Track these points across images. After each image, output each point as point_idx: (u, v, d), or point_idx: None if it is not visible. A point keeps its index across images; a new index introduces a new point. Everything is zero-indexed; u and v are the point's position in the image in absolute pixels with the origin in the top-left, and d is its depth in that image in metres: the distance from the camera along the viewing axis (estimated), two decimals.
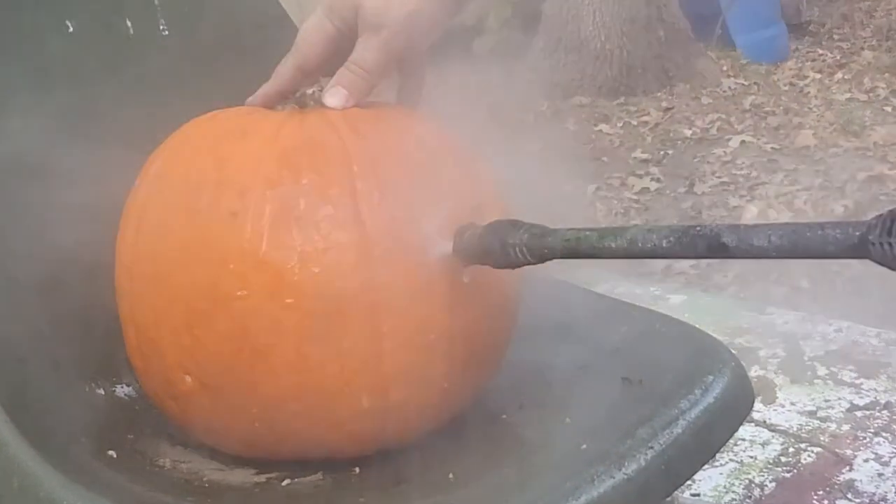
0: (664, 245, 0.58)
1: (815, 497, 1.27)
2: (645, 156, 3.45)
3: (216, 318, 0.68)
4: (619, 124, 3.78)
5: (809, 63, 4.59)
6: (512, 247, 0.64)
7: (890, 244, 0.48)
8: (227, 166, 0.70)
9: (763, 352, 1.68)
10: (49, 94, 0.89)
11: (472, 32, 4.47)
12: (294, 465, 0.75)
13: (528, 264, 0.65)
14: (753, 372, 1.60)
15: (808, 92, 4.10)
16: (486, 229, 0.67)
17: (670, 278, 2.50)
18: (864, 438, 1.40)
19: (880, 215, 0.49)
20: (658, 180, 3.23)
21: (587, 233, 0.62)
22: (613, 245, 0.60)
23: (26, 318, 0.82)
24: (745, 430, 1.42)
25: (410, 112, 0.81)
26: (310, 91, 0.77)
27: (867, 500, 1.26)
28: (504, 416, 0.81)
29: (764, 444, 1.40)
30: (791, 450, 1.38)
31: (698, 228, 0.57)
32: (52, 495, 0.65)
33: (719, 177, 3.22)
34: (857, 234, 0.50)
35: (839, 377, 1.58)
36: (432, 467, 0.74)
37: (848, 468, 1.33)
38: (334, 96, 0.76)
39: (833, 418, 1.46)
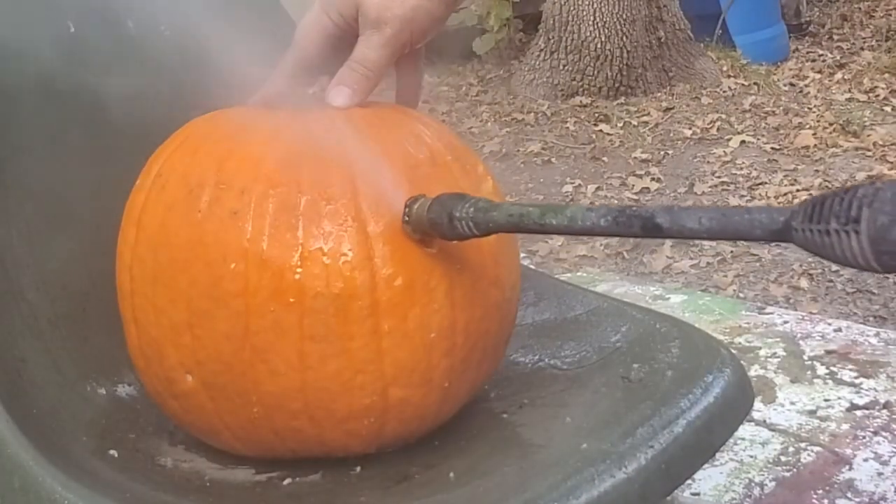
0: (602, 224, 0.60)
1: (815, 496, 1.27)
2: (645, 156, 3.46)
3: (217, 317, 0.68)
4: (619, 124, 3.78)
5: (809, 63, 4.59)
6: (459, 220, 0.66)
7: (811, 230, 0.50)
8: (227, 166, 0.70)
9: (763, 351, 1.68)
10: (49, 94, 0.89)
11: (472, 32, 4.47)
12: (295, 463, 0.75)
13: (474, 237, 0.67)
14: (753, 372, 1.60)
15: (808, 92, 4.11)
16: (435, 202, 0.68)
17: (670, 278, 2.50)
18: (864, 438, 1.40)
19: (804, 202, 0.51)
20: (658, 180, 3.23)
21: (530, 209, 0.64)
22: (554, 222, 0.62)
23: (26, 317, 0.82)
24: (744, 430, 1.42)
25: (409, 111, 0.81)
26: (311, 91, 0.77)
27: (867, 500, 1.26)
28: (504, 416, 0.81)
29: (764, 444, 1.39)
30: (791, 449, 1.38)
31: (634, 209, 0.59)
32: (53, 494, 0.65)
33: (719, 177, 3.23)
34: (782, 219, 0.52)
35: (839, 377, 1.58)
36: (432, 466, 0.74)
37: (847, 467, 1.33)
38: (339, 95, 0.76)
39: (833, 418, 1.46)
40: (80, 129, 0.90)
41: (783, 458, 1.36)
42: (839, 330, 1.75)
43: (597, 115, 3.88)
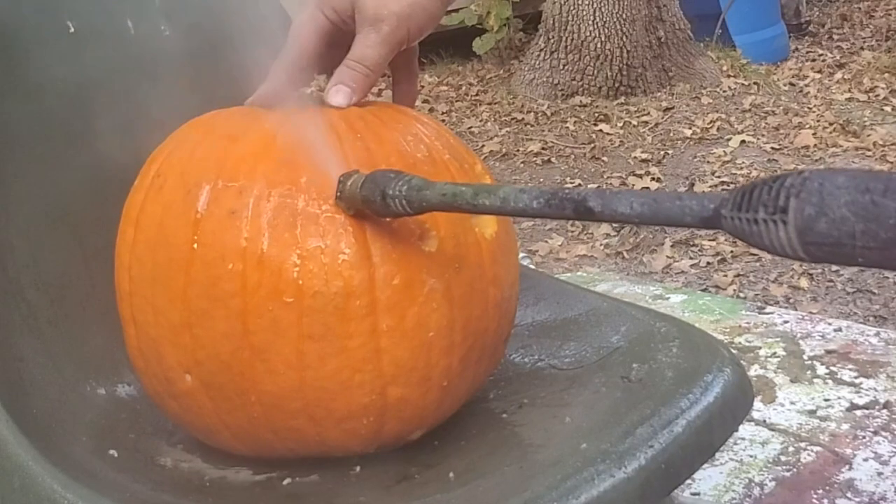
0: (534, 205, 0.60)
1: (815, 496, 1.27)
2: (645, 156, 3.46)
3: (216, 317, 0.68)
4: (619, 124, 3.78)
5: (809, 63, 4.60)
6: (392, 198, 0.66)
7: (740, 218, 0.50)
8: (226, 165, 0.70)
9: (763, 351, 1.68)
10: (49, 94, 0.89)
11: (472, 32, 4.48)
12: (294, 463, 0.75)
13: (408, 215, 0.67)
14: (753, 371, 1.60)
15: (808, 92, 4.11)
16: (368, 178, 0.67)
17: (670, 278, 2.50)
18: (864, 438, 1.40)
19: (733, 190, 0.51)
20: (658, 180, 3.23)
21: (463, 188, 0.64)
22: (487, 202, 0.62)
23: (26, 317, 0.82)
24: (744, 430, 1.42)
25: (407, 110, 0.81)
26: (308, 90, 0.77)
27: (867, 500, 1.26)
28: (504, 416, 0.81)
29: (764, 444, 1.40)
30: (791, 449, 1.38)
31: (566, 192, 0.59)
32: (52, 494, 0.65)
33: (719, 177, 3.23)
34: (712, 206, 0.52)
35: (839, 376, 1.58)
36: (432, 466, 0.74)
37: (847, 467, 1.33)
38: (338, 94, 0.76)
39: (833, 417, 1.46)
40: (80, 129, 0.90)
41: (783, 458, 1.36)
42: (839, 330, 1.75)
43: (597, 114, 3.88)
